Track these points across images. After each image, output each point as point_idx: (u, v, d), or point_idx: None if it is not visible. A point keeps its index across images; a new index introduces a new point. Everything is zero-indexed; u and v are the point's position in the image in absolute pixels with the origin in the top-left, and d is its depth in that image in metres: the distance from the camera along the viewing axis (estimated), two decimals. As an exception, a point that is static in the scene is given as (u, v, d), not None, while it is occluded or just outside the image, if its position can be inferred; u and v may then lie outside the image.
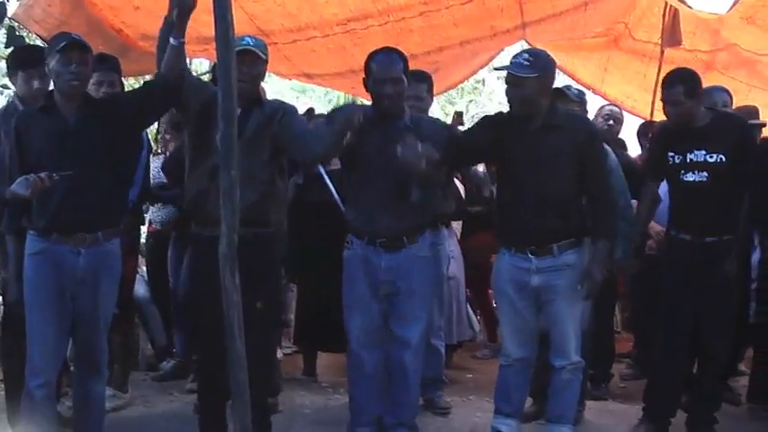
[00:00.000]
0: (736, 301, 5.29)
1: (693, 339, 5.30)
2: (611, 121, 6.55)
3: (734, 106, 6.15)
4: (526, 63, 4.60)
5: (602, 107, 6.92)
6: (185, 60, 4.62)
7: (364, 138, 4.84)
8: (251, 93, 4.77)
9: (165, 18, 4.55)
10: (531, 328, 4.90)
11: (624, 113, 7.13)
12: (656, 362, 5.53)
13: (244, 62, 4.55)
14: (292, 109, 5.01)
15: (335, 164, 5.86)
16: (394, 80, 4.83)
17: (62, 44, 4.39)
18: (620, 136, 6.97)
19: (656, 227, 5.97)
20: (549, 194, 4.66)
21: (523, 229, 4.75)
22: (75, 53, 4.41)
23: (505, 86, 4.73)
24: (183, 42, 4.48)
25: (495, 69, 4.95)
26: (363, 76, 4.98)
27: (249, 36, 4.86)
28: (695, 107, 5.11)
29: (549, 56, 4.79)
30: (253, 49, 4.68)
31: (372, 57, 4.93)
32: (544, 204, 4.66)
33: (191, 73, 4.86)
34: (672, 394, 5.40)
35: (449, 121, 8.13)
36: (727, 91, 5.97)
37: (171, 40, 4.45)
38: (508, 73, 4.68)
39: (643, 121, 8.18)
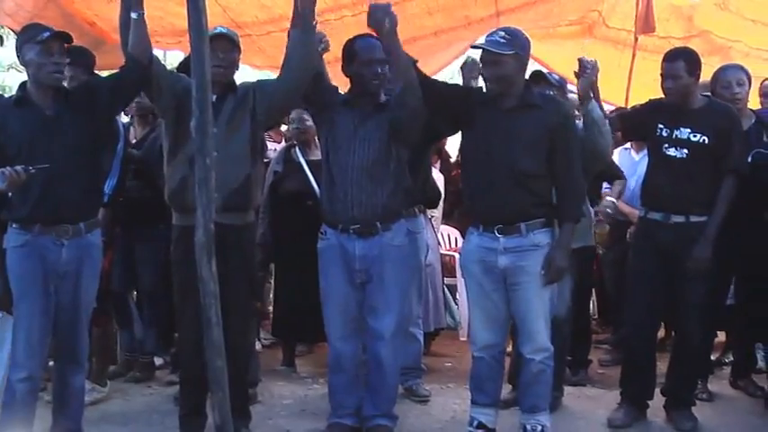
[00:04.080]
0: (710, 286, 5.30)
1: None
2: (575, 112, 6.52)
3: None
4: (503, 40, 4.56)
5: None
6: (148, 36, 4.58)
7: (337, 118, 4.91)
8: (227, 78, 4.83)
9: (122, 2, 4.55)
10: (500, 312, 4.83)
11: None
12: (627, 345, 5.58)
13: (219, 47, 4.66)
14: (263, 81, 5.08)
15: (316, 154, 5.87)
16: (381, 61, 4.87)
17: (45, 35, 4.35)
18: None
19: (636, 213, 6.00)
20: (518, 170, 4.61)
21: (492, 204, 4.69)
22: (57, 44, 4.39)
23: (481, 65, 4.72)
24: (143, 14, 4.46)
25: (473, 48, 4.92)
26: (341, 63, 4.99)
27: (221, 27, 4.92)
28: (692, 86, 5.19)
29: (524, 35, 4.74)
30: (226, 33, 4.78)
31: (353, 42, 4.97)
32: (513, 179, 4.62)
33: (160, 62, 4.86)
34: (646, 377, 5.43)
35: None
36: (742, 68, 5.84)
37: (132, 14, 4.44)
38: (484, 51, 4.65)
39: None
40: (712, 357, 6.44)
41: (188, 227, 4.08)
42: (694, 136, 5.14)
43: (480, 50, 4.71)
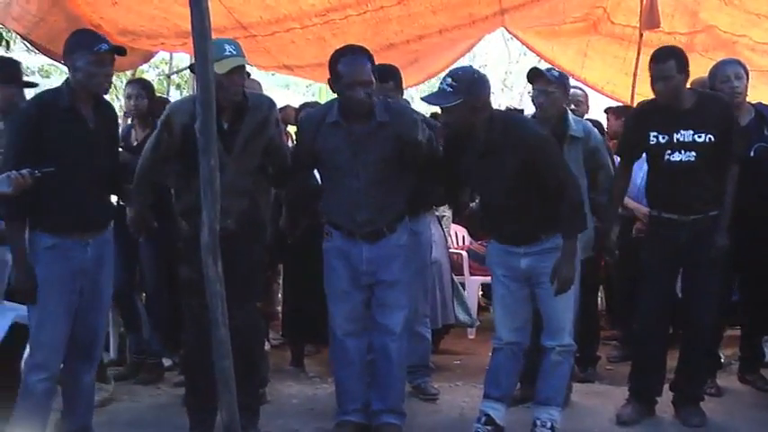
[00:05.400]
0: (723, 279, 5.33)
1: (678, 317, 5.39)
2: (572, 106, 6.53)
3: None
4: (449, 89, 4.55)
5: None
6: None
7: (330, 139, 4.85)
8: (240, 100, 4.72)
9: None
10: (523, 311, 4.93)
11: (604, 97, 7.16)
12: (638, 342, 5.58)
13: (240, 75, 4.62)
14: (278, 123, 5.03)
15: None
16: (364, 83, 4.75)
17: (102, 48, 4.37)
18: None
19: (642, 209, 6.01)
20: (514, 207, 4.71)
21: (505, 234, 4.86)
22: (110, 57, 4.43)
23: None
24: None
25: (422, 100, 4.99)
26: (329, 75, 4.87)
27: (226, 41, 4.70)
28: (683, 83, 5.14)
29: (475, 74, 4.71)
30: (242, 61, 4.64)
31: (338, 59, 4.80)
32: (513, 215, 4.73)
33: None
34: (655, 373, 5.42)
35: (433, 109, 8.15)
36: (740, 62, 5.84)
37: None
38: None
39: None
40: (728, 353, 6.47)
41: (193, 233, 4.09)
42: (699, 136, 5.08)
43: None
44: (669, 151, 5.13)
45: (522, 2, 8.22)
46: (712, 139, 5.07)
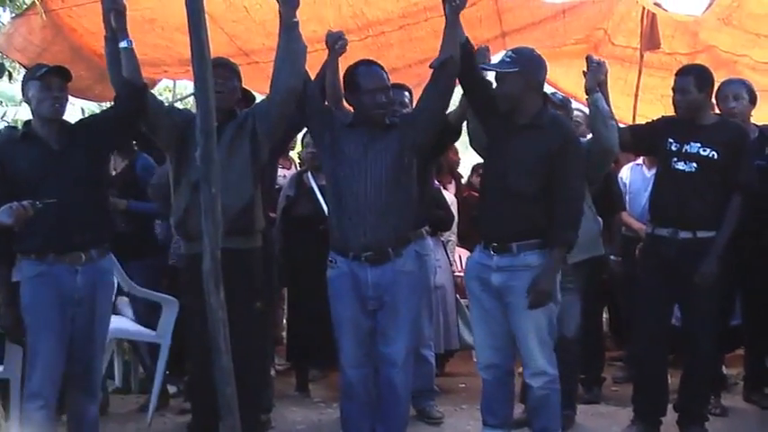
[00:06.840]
0: (718, 301, 5.32)
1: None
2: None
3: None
4: (508, 59, 4.69)
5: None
6: (139, 65, 4.70)
7: (343, 144, 4.89)
8: (227, 105, 4.84)
9: (106, 35, 4.67)
10: (501, 329, 4.80)
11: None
12: (636, 362, 5.58)
13: (219, 75, 4.63)
14: (259, 102, 5.13)
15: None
16: (385, 89, 4.90)
17: (42, 71, 4.49)
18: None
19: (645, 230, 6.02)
20: (512, 190, 4.65)
21: (488, 221, 4.80)
22: (56, 79, 4.52)
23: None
24: (132, 42, 4.61)
25: (481, 68, 4.99)
26: (343, 90, 5.01)
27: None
28: (703, 101, 5.28)
29: (535, 53, 4.79)
30: (225, 61, 4.82)
31: (354, 70, 4.95)
32: (507, 199, 4.67)
33: (156, 97, 5.02)
34: (657, 393, 5.41)
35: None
36: (745, 83, 5.97)
37: (121, 44, 4.58)
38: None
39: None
40: (733, 372, 6.46)
41: (195, 254, 4.10)
42: (704, 150, 5.18)
43: None
44: (676, 159, 5.26)
45: (522, 25, 8.24)
46: (715, 156, 5.16)
